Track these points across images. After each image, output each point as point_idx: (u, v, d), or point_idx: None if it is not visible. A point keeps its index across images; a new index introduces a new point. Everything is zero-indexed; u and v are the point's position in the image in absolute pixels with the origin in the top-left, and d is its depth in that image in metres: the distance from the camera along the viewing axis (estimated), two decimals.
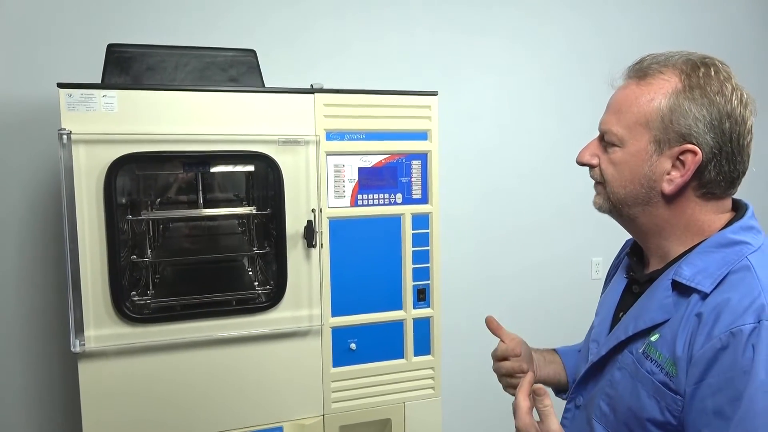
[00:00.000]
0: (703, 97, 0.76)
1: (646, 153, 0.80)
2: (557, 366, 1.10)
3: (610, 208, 0.87)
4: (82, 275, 1.44)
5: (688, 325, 0.75)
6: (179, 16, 2.04)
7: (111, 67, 1.57)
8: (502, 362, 1.05)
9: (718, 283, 0.75)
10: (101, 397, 1.48)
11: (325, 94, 1.60)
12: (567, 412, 0.96)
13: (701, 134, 0.76)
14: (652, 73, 0.80)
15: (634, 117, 0.80)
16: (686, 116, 0.76)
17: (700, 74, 0.77)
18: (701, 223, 0.81)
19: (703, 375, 0.71)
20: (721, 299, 0.73)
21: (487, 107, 2.46)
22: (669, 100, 0.77)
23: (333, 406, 1.68)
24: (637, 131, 0.80)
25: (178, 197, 1.96)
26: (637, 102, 0.80)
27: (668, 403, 0.75)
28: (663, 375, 0.76)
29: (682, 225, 0.82)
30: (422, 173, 1.72)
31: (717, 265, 0.76)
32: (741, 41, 2.87)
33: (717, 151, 0.77)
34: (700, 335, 0.73)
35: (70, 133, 1.39)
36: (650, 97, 0.79)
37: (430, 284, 1.75)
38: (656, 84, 0.79)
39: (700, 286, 0.76)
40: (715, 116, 0.76)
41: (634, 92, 0.81)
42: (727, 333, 0.70)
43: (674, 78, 0.78)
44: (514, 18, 2.47)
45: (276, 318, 1.60)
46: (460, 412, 2.51)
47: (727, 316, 0.71)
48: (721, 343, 0.70)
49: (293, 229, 1.59)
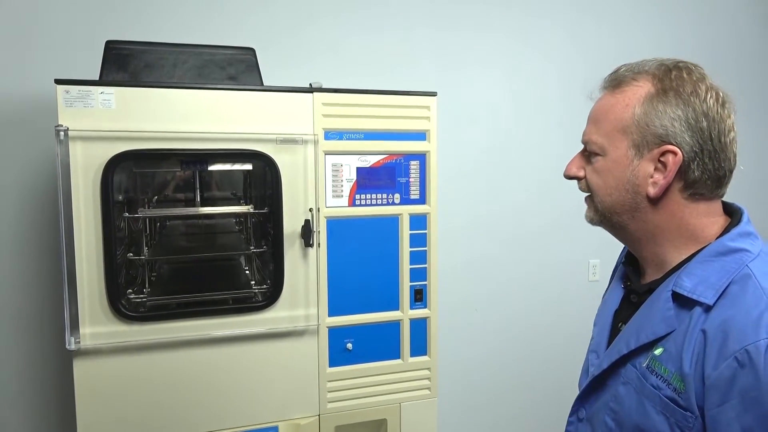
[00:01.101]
0: (678, 98, 0.77)
1: (627, 158, 0.81)
2: None
3: (600, 219, 0.88)
4: (77, 272, 1.43)
5: (692, 340, 0.74)
6: (178, 13, 2.04)
7: (109, 64, 1.56)
8: None
9: (720, 295, 0.74)
10: (96, 395, 1.47)
11: (323, 94, 1.60)
12: (570, 425, 0.95)
13: (679, 134, 0.77)
14: (626, 81, 0.82)
15: (611, 125, 0.82)
16: (661, 118, 0.77)
17: (672, 77, 0.79)
18: (693, 227, 0.81)
19: (725, 397, 0.69)
20: (726, 315, 0.72)
21: (486, 108, 2.46)
22: (643, 104, 0.79)
23: (329, 406, 1.67)
24: (615, 138, 0.82)
25: (175, 195, 1.95)
26: (612, 110, 0.82)
27: (678, 420, 0.74)
28: (670, 390, 0.75)
29: (673, 229, 0.82)
30: (420, 174, 1.71)
31: (718, 275, 0.76)
32: (745, 45, 2.87)
33: (698, 149, 0.77)
34: (710, 353, 0.71)
35: (68, 129, 1.38)
36: (625, 104, 0.81)
37: (428, 285, 1.75)
38: (630, 91, 0.81)
39: (702, 298, 0.75)
40: (691, 116, 0.77)
41: (610, 101, 0.83)
42: (742, 351, 0.68)
43: (647, 83, 0.80)
44: (514, 17, 2.47)
45: (272, 317, 1.59)
46: (456, 413, 2.51)
47: (737, 332, 0.70)
48: (738, 363, 0.68)
49: (291, 228, 1.59)
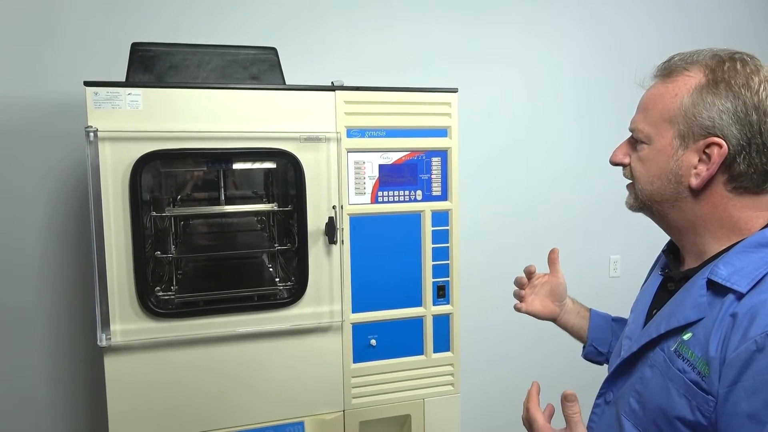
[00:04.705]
0: (728, 90, 0.76)
1: (672, 148, 0.81)
2: (584, 322, 1.19)
3: (640, 206, 0.88)
4: (108, 271, 1.46)
5: (722, 326, 0.74)
6: (201, 14, 2.06)
7: (135, 66, 1.59)
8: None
9: (755, 284, 0.74)
10: (126, 390, 1.50)
11: (345, 92, 1.61)
12: (596, 407, 0.96)
13: (726, 126, 0.76)
14: (678, 70, 0.82)
15: (659, 114, 0.82)
16: (709, 109, 0.77)
17: (725, 68, 0.78)
18: (736, 219, 0.81)
19: (737, 377, 0.70)
20: (757, 300, 0.72)
21: (507, 104, 2.46)
22: (692, 95, 0.79)
23: (353, 401, 1.69)
24: (662, 127, 0.82)
25: (194, 194, 1.98)
26: (662, 99, 0.82)
27: (699, 403, 0.74)
28: (695, 374, 0.75)
29: (715, 221, 0.81)
30: (442, 170, 1.72)
31: (755, 265, 0.75)
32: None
33: (745, 143, 0.76)
34: (734, 336, 0.71)
35: (97, 130, 1.41)
36: (674, 94, 0.81)
37: (450, 281, 1.76)
38: (680, 81, 0.81)
39: (736, 286, 0.75)
40: (741, 108, 0.76)
41: (660, 90, 0.83)
42: (763, 335, 0.68)
43: (699, 74, 0.79)
44: (532, 12, 2.45)
45: (297, 314, 1.61)
46: (479, 409, 2.51)
47: (763, 317, 0.70)
48: (757, 345, 0.69)
49: (314, 225, 1.60)
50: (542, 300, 1.20)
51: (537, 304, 1.20)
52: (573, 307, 1.22)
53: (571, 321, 1.20)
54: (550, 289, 1.20)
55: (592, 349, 1.17)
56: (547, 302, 1.20)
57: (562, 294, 1.20)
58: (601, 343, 1.16)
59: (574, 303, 1.22)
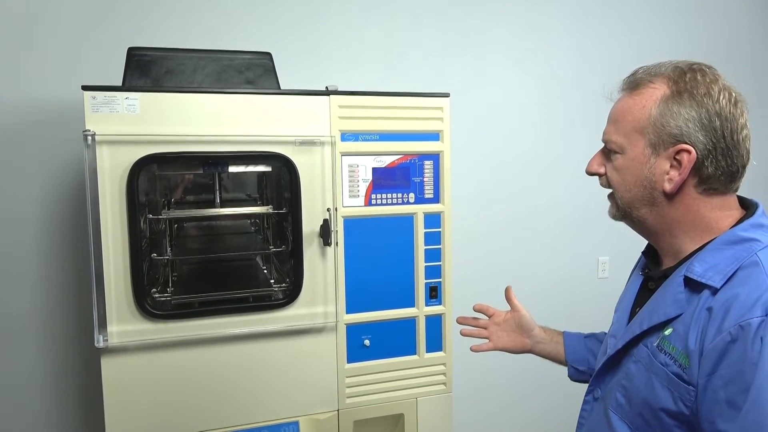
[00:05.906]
0: (691, 100, 0.82)
1: (644, 156, 0.86)
2: (559, 347, 1.24)
3: (622, 215, 0.93)
4: (105, 273, 1.47)
5: (699, 320, 0.79)
6: (196, 19, 2.08)
7: (132, 70, 1.61)
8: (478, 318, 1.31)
9: (728, 279, 0.79)
10: (123, 391, 1.52)
11: (339, 96, 1.64)
12: (586, 404, 1.00)
13: (692, 133, 0.82)
14: (643, 83, 0.87)
15: (629, 125, 0.87)
16: (676, 118, 0.82)
17: (687, 79, 0.83)
18: (708, 219, 0.86)
19: (715, 367, 0.75)
20: (730, 294, 0.77)
21: (499, 107, 2.50)
22: (659, 106, 0.84)
23: (347, 401, 1.71)
24: (633, 138, 0.87)
25: (188, 197, 2.00)
26: (631, 111, 0.88)
27: (681, 394, 0.79)
28: (676, 367, 0.80)
29: (689, 222, 0.86)
30: (434, 173, 1.75)
31: (727, 261, 0.80)
32: (741, 45, 2.90)
33: (711, 148, 0.82)
34: (711, 328, 0.76)
35: (95, 134, 1.43)
36: (642, 105, 0.86)
37: (442, 282, 1.79)
38: (647, 93, 0.86)
39: (710, 282, 0.80)
40: (705, 116, 0.81)
41: (628, 102, 0.89)
42: (736, 326, 0.74)
43: (663, 86, 0.85)
44: (526, 11, 2.50)
45: (292, 315, 1.63)
46: (472, 408, 2.54)
47: (736, 310, 0.75)
48: (731, 336, 0.74)
49: (309, 227, 1.63)
50: (510, 335, 1.26)
51: (506, 339, 1.26)
52: (545, 335, 1.26)
53: (547, 349, 1.25)
54: (516, 323, 1.26)
55: (573, 371, 1.22)
56: (516, 336, 1.26)
57: (529, 325, 1.26)
58: (579, 363, 1.21)
59: (545, 331, 1.27)
